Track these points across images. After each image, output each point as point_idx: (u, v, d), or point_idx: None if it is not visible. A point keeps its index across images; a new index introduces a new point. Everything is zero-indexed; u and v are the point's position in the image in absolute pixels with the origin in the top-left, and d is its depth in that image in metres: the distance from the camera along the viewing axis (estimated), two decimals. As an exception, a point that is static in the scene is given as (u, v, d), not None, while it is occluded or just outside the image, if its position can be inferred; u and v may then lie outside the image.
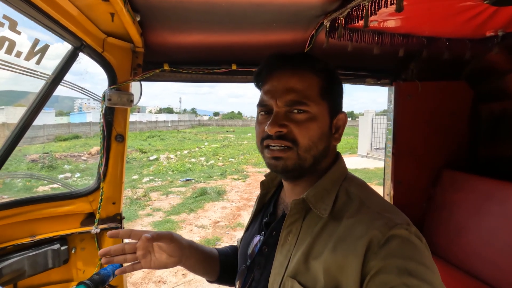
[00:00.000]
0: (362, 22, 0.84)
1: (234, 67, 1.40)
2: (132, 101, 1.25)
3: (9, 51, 0.85)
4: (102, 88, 1.25)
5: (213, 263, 0.90)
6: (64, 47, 1.13)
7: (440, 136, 1.74)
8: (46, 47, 0.95)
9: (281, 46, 1.31)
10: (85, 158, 12.85)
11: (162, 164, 11.46)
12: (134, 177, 9.20)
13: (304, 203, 0.64)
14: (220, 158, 12.96)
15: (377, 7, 0.78)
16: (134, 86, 1.31)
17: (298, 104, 0.63)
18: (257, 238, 0.77)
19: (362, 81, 1.61)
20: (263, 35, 1.22)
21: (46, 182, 8.18)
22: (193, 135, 25.68)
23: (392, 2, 0.73)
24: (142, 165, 11.42)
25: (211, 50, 1.35)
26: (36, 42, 0.94)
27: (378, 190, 0.74)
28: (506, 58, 1.50)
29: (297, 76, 0.65)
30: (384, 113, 13.43)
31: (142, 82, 1.39)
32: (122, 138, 1.28)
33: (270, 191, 0.86)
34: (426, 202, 1.79)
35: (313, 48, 1.26)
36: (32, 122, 1.12)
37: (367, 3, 0.80)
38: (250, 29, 1.15)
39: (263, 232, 0.76)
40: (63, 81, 1.13)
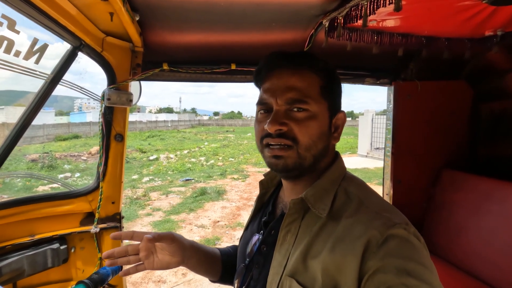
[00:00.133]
0: (361, 22, 0.84)
1: (233, 67, 1.40)
2: (131, 100, 1.25)
3: (8, 51, 0.85)
4: (101, 87, 1.25)
5: (215, 263, 0.91)
6: (63, 47, 1.13)
7: (439, 135, 1.74)
8: (45, 47, 0.95)
9: (280, 46, 1.31)
10: (85, 158, 12.85)
11: (162, 164, 11.46)
12: (134, 176, 9.20)
13: (303, 203, 0.64)
14: (220, 158, 12.96)
15: (375, 7, 0.78)
16: (134, 86, 1.31)
17: (298, 102, 0.63)
18: (256, 237, 0.77)
19: (362, 80, 1.61)
20: (263, 35, 1.22)
21: (46, 181, 8.19)
22: (193, 135, 25.68)
23: (390, 2, 0.73)
24: (142, 164, 11.42)
25: (211, 50, 1.35)
26: (35, 41, 0.94)
27: (377, 189, 0.74)
28: (506, 58, 1.49)
29: (297, 74, 0.65)
30: (384, 112, 13.43)
31: (142, 82, 1.39)
32: (121, 138, 1.28)
33: (269, 191, 0.86)
34: (425, 201, 1.79)
35: (312, 47, 1.25)
36: (31, 121, 1.12)
37: (366, 3, 0.80)
38: (250, 28, 1.15)
39: (262, 231, 0.76)
40: (62, 80, 1.13)
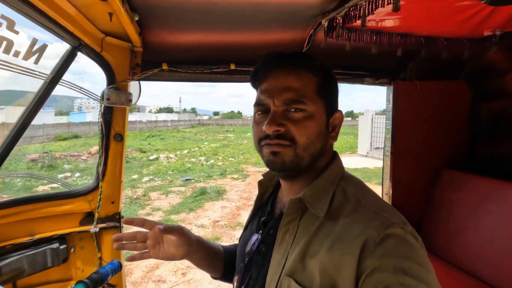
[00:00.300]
0: (360, 22, 0.84)
1: (232, 67, 1.40)
2: (130, 100, 1.25)
3: (7, 51, 0.85)
4: (101, 87, 1.25)
5: (218, 260, 0.92)
6: (62, 47, 1.13)
7: (439, 135, 1.74)
8: (44, 47, 0.95)
9: (279, 46, 1.31)
10: (84, 158, 12.85)
11: (162, 163, 11.46)
12: (134, 176, 9.20)
13: (301, 203, 0.64)
14: (220, 158, 12.97)
15: (374, 7, 0.78)
16: (133, 86, 1.31)
17: (295, 102, 0.64)
18: (255, 237, 0.77)
19: (361, 80, 1.61)
20: (262, 35, 1.22)
21: (45, 181, 8.19)
22: (193, 135, 25.68)
23: (389, 2, 0.73)
24: (142, 164, 11.42)
25: (210, 50, 1.35)
26: (34, 41, 0.94)
27: (377, 189, 0.74)
28: (505, 57, 1.50)
29: (294, 75, 0.66)
30: (383, 112, 13.43)
31: (141, 82, 1.39)
32: (121, 138, 1.28)
33: (268, 191, 0.86)
34: (425, 201, 1.80)
35: (311, 47, 1.26)
36: (31, 121, 1.12)
37: (365, 3, 0.81)
38: (249, 28, 1.15)
39: (261, 231, 0.76)
40: (62, 80, 1.13)
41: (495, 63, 1.56)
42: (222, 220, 5.44)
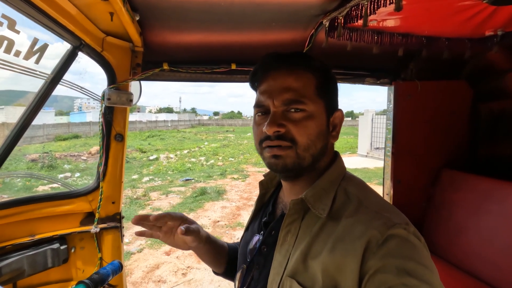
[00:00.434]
0: (361, 22, 0.84)
1: (233, 67, 1.40)
2: (131, 100, 1.25)
3: (8, 50, 0.85)
4: (101, 87, 1.25)
5: (222, 256, 0.94)
6: (63, 47, 1.13)
7: (439, 135, 1.74)
8: (45, 46, 0.95)
9: (280, 46, 1.31)
10: (85, 158, 12.85)
11: (162, 163, 11.46)
12: (134, 176, 9.20)
13: (302, 203, 0.64)
14: (220, 158, 12.96)
15: (376, 6, 0.78)
16: (134, 86, 1.31)
17: (295, 103, 0.63)
18: (256, 238, 0.77)
19: (362, 80, 1.61)
20: (263, 35, 1.22)
21: (46, 181, 8.18)
22: (193, 135, 25.67)
23: (391, 2, 0.73)
24: (142, 164, 11.42)
25: (211, 50, 1.35)
26: (35, 41, 0.94)
27: (377, 189, 0.74)
28: (506, 58, 1.50)
29: (293, 75, 0.65)
30: (384, 112, 13.42)
31: (142, 82, 1.39)
32: (121, 138, 1.28)
33: (269, 191, 0.86)
34: (425, 201, 1.79)
35: (312, 47, 1.25)
36: (31, 121, 1.12)
37: (366, 3, 0.80)
38: (250, 28, 1.15)
39: (262, 231, 0.76)
40: (62, 80, 1.13)
41: (496, 63, 1.55)
42: (222, 220, 5.44)
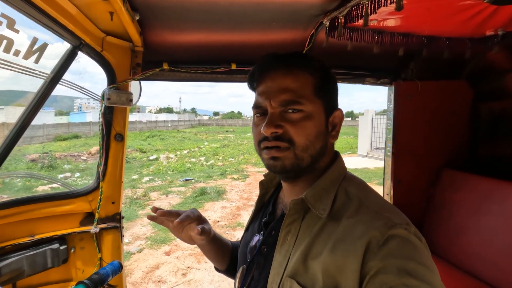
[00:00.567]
0: (361, 21, 0.84)
1: (233, 66, 1.40)
2: (131, 100, 1.25)
3: (7, 50, 0.85)
4: (101, 87, 1.25)
5: (225, 254, 0.95)
6: (63, 46, 1.13)
7: (440, 135, 1.74)
8: (44, 46, 0.95)
9: (280, 46, 1.31)
10: (84, 158, 12.84)
11: (162, 164, 11.45)
12: (134, 176, 9.19)
13: (303, 203, 0.64)
14: (220, 158, 12.96)
15: (376, 6, 0.78)
16: (134, 86, 1.31)
17: (292, 103, 0.63)
18: (256, 238, 0.77)
19: (362, 80, 1.61)
20: (263, 34, 1.22)
21: (45, 181, 8.18)
22: (193, 135, 25.67)
23: (392, 1, 0.72)
24: (142, 164, 11.41)
25: (211, 49, 1.34)
26: (34, 40, 0.93)
27: (378, 189, 0.74)
28: (506, 57, 1.49)
29: (290, 75, 0.65)
30: (384, 112, 13.42)
31: (142, 82, 1.38)
32: (121, 138, 1.27)
33: (269, 191, 0.86)
34: (425, 201, 1.79)
35: (312, 47, 1.25)
36: (31, 121, 1.11)
37: (367, 2, 0.80)
38: (250, 28, 1.15)
39: (263, 231, 0.76)
40: (62, 80, 1.13)
41: (497, 63, 1.55)
42: (222, 220, 5.44)
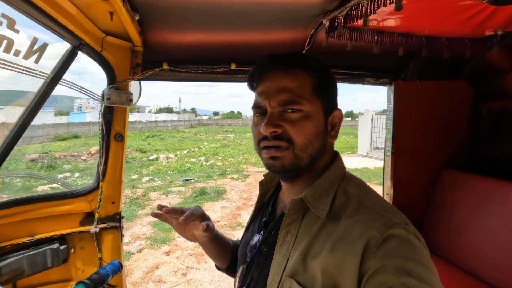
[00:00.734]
0: (361, 21, 0.84)
1: (233, 66, 1.40)
2: (131, 100, 1.25)
3: (7, 50, 0.85)
4: (101, 87, 1.25)
5: (226, 253, 0.95)
6: (63, 46, 1.13)
7: (440, 135, 1.74)
8: (44, 46, 0.95)
9: (280, 46, 1.31)
10: (84, 158, 12.84)
11: (161, 163, 11.45)
12: (134, 176, 9.19)
13: (302, 203, 0.64)
14: (219, 158, 12.96)
15: (376, 6, 0.78)
16: (133, 86, 1.31)
17: (291, 103, 0.64)
18: (256, 238, 0.77)
19: (362, 80, 1.61)
20: (263, 34, 1.22)
21: (45, 181, 8.18)
22: (192, 135, 25.67)
23: (391, 1, 0.73)
24: (141, 164, 11.41)
25: (211, 49, 1.34)
26: (34, 41, 0.93)
27: (377, 189, 0.74)
28: (506, 57, 1.50)
29: (289, 75, 0.66)
30: (383, 112, 13.42)
31: (142, 82, 1.39)
32: (121, 137, 1.27)
33: (269, 191, 0.86)
34: (425, 201, 1.79)
35: (312, 47, 1.25)
36: (30, 121, 1.11)
37: (367, 2, 0.80)
38: (250, 28, 1.15)
39: (262, 231, 0.76)
40: (62, 80, 1.13)
41: (496, 63, 1.56)
42: (222, 220, 5.44)
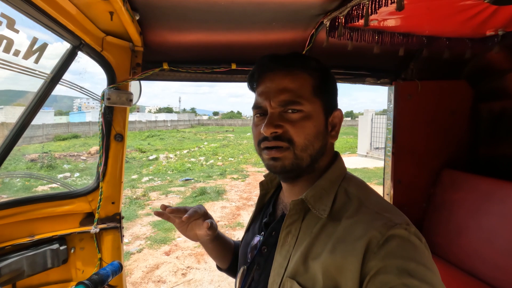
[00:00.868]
0: (362, 21, 0.84)
1: (233, 66, 1.40)
2: (131, 100, 1.25)
3: (7, 50, 0.85)
4: (101, 87, 1.24)
5: (227, 253, 0.95)
6: (63, 46, 1.13)
7: (440, 135, 1.74)
8: (44, 46, 0.94)
9: (280, 45, 1.31)
10: (84, 158, 12.83)
11: (161, 163, 11.45)
12: (134, 176, 9.19)
13: (303, 204, 0.64)
14: (219, 158, 12.96)
15: (377, 6, 0.78)
16: (134, 85, 1.31)
17: (291, 103, 0.64)
18: (257, 238, 0.77)
19: (362, 80, 1.61)
20: (263, 34, 1.21)
21: (45, 181, 8.17)
22: (192, 135, 25.67)
23: (392, 1, 0.72)
24: (141, 164, 11.41)
25: (211, 49, 1.34)
26: (34, 40, 0.93)
27: (377, 189, 0.74)
28: (506, 57, 1.50)
29: (289, 76, 0.66)
30: (383, 112, 13.42)
31: (142, 82, 1.38)
32: (121, 138, 1.27)
33: (270, 192, 0.86)
34: (426, 201, 1.79)
35: (313, 47, 1.25)
36: (30, 121, 1.11)
37: (368, 2, 0.80)
38: (250, 28, 1.15)
39: (263, 232, 0.76)
40: (62, 80, 1.13)
41: (497, 63, 1.55)
42: (222, 220, 5.43)
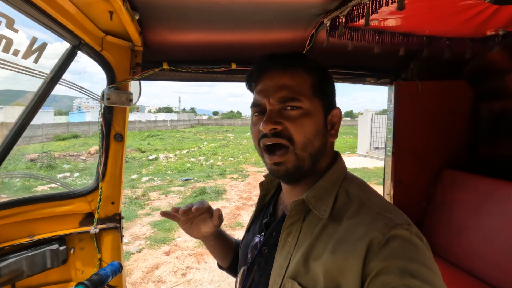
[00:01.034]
0: (362, 21, 0.84)
1: (233, 66, 1.39)
2: (131, 100, 1.24)
3: (6, 50, 0.85)
4: (101, 87, 1.24)
5: (229, 252, 0.96)
6: (62, 46, 1.12)
7: (440, 135, 1.74)
8: (44, 46, 0.94)
9: (281, 45, 1.30)
10: (84, 158, 12.82)
11: (161, 163, 11.44)
12: (133, 176, 9.18)
13: (303, 204, 0.64)
14: (219, 158, 12.95)
15: (378, 6, 0.78)
16: (133, 85, 1.30)
17: (290, 100, 0.63)
18: (257, 239, 0.76)
19: (362, 80, 1.61)
20: (263, 34, 1.21)
21: (45, 181, 8.16)
22: (192, 135, 25.66)
23: (393, 1, 0.72)
24: (141, 164, 11.40)
25: (211, 49, 1.34)
26: (34, 40, 0.93)
27: (378, 189, 0.73)
28: (507, 57, 1.49)
29: (288, 74, 0.66)
30: (383, 112, 13.43)
31: (141, 81, 1.38)
32: (121, 138, 1.27)
33: (270, 192, 0.86)
34: (426, 201, 1.79)
35: (313, 47, 1.25)
36: (30, 121, 1.11)
37: (368, 2, 0.80)
38: (250, 27, 1.15)
39: (263, 232, 0.76)
40: (62, 80, 1.12)
41: (497, 63, 1.55)
42: (222, 220, 5.43)
